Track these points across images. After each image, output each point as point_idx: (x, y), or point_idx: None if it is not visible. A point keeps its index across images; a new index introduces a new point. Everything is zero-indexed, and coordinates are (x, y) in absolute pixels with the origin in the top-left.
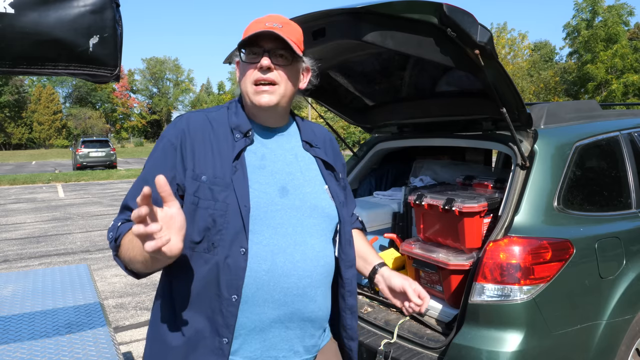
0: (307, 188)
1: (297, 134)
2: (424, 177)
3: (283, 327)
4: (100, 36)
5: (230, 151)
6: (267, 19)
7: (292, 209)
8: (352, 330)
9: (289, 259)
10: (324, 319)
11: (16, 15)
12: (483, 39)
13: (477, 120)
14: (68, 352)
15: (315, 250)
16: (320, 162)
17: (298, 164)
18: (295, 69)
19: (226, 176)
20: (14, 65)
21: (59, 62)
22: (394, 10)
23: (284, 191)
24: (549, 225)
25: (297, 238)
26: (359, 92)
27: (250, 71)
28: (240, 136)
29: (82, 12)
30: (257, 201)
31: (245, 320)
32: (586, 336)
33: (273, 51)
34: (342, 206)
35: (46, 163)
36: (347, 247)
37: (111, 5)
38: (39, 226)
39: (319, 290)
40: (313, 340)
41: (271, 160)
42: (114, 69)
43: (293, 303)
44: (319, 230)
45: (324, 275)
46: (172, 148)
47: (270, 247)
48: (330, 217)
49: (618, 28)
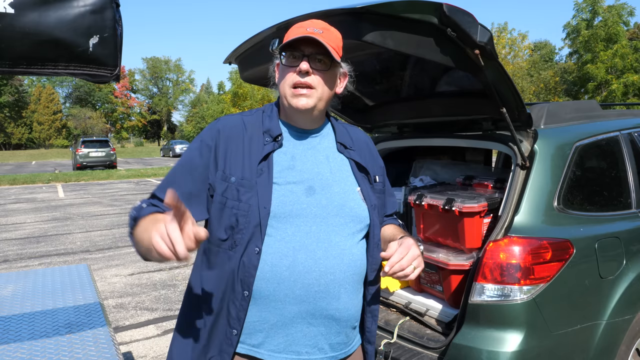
0: (336, 188)
1: (331, 136)
2: (424, 177)
3: (306, 323)
4: (100, 36)
5: (259, 154)
6: (309, 24)
7: (318, 207)
8: (372, 334)
9: (310, 256)
10: (351, 318)
11: (16, 15)
12: (483, 39)
13: (477, 120)
14: (68, 352)
15: (340, 248)
16: (353, 164)
17: (329, 164)
18: (333, 74)
19: (252, 178)
20: (14, 65)
21: (59, 62)
22: (394, 10)
23: (310, 190)
24: (549, 225)
25: (320, 235)
26: (359, 92)
27: (289, 74)
28: (269, 140)
29: (82, 12)
30: (283, 200)
31: (268, 315)
32: (586, 336)
33: (312, 56)
34: (374, 209)
35: (46, 163)
36: (374, 250)
37: (111, 5)
38: (39, 226)
39: (342, 288)
40: (339, 338)
41: (301, 161)
42: (114, 69)
43: (315, 300)
44: (346, 230)
45: (350, 273)
46: (207, 149)
47: (292, 243)
48: (360, 218)
49: (618, 28)
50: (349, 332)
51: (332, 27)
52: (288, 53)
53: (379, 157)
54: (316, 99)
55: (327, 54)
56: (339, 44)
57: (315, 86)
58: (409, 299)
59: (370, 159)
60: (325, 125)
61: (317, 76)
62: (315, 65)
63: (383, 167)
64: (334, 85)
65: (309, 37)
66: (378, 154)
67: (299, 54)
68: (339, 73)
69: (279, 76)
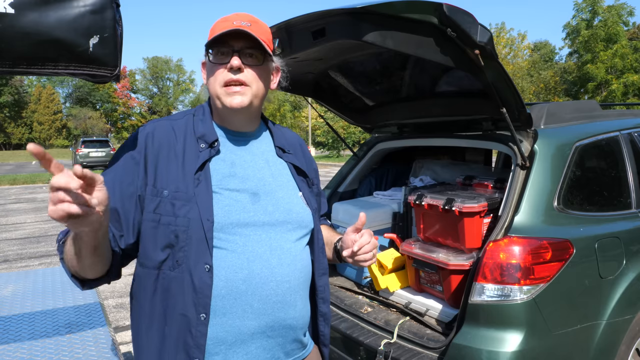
0: (280, 193)
1: (268, 139)
2: (424, 177)
3: (265, 337)
4: (100, 36)
5: (194, 162)
6: (235, 17)
7: (265, 214)
8: (325, 337)
9: (265, 265)
10: (305, 324)
11: (16, 15)
12: (483, 39)
13: (477, 120)
14: (68, 352)
15: (292, 254)
16: (292, 168)
17: (269, 169)
18: (266, 69)
19: (189, 189)
20: (14, 65)
21: (59, 62)
22: (394, 10)
23: (255, 197)
24: (549, 225)
25: (272, 243)
26: (359, 92)
27: (219, 72)
28: (205, 146)
29: (82, 12)
30: (229, 209)
31: (225, 334)
32: (586, 336)
33: (243, 51)
34: (316, 213)
35: None
36: (320, 254)
37: (111, 5)
38: (39, 226)
39: (297, 295)
40: (295, 344)
41: (241, 167)
42: (114, 69)
43: (273, 311)
44: (294, 235)
45: (302, 280)
46: (134, 162)
47: (245, 254)
48: (305, 223)
49: (618, 28)
50: (302, 338)
51: (260, 20)
52: (216, 49)
53: (312, 160)
54: (251, 96)
55: (259, 47)
56: (269, 37)
57: (249, 83)
58: (409, 299)
59: (305, 162)
60: (262, 128)
61: (250, 72)
62: (247, 61)
63: (316, 169)
64: (268, 81)
65: (238, 30)
66: (311, 155)
67: (227, 50)
68: (271, 68)
69: (207, 75)
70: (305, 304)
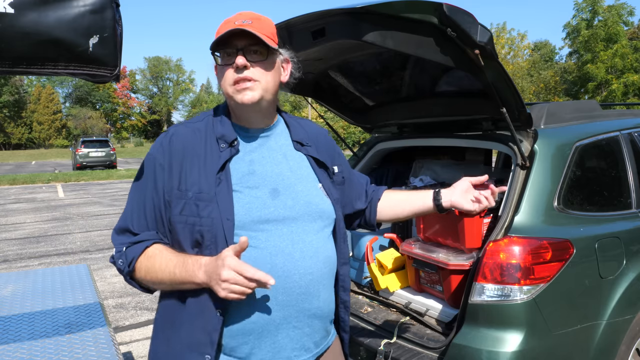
0: (299, 186)
1: (285, 133)
2: (424, 177)
3: (291, 327)
4: (100, 36)
5: (215, 163)
6: (236, 17)
7: (285, 209)
8: (346, 323)
9: (288, 259)
10: (330, 313)
11: (16, 15)
12: (483, 39)
13: (477, 120)
14: (68, 352)
15: (314, 246)
16: (312, 160)
17: (287, 163)
18: (273, 63)
19: (211, 190)
20: (14, 65)
21: (59, 62)
22: (394, 10)
23: (275, 192)
24: (549, 225)
25: (293, 237)
26: (359, 92)
27: (227, 72)
28: (225, 146)
29: (82, 12)
30: (249, 207)
31: (252, 326)
32: (586, 336)
33: (246, 48)
34: (337, 203)
35: (46, 163)
36: (341, 243)
37: (111, 5)
38: (38, 226)
39: (321, 286)
40: (322, 333)
41: (260, 164)
42: (113, 69)
43: (297, 302)
44: (315, 227)
45: (325, 270)
46: (160, 168)
47: (268, 249)
48: (326, 214)
49: (618, 28)
50: (328, 327)
51: (262, 16)
52: (222, 52)
53: (335, 146)
54: (261, 90)
55: (261, 43)
56: (272, 31)
57: (257, 78)
58: (409, 299)
59: (327, 152)
60: (279, 122)
61: (256, 68)
62: (251, 57)
63: (341, 153)
64: (277, 75)
65: (238, 30)
66: (335, 143)
67: (232, 50)
68: (279, 60)
69: (219, 77)
70: (330, 293)
